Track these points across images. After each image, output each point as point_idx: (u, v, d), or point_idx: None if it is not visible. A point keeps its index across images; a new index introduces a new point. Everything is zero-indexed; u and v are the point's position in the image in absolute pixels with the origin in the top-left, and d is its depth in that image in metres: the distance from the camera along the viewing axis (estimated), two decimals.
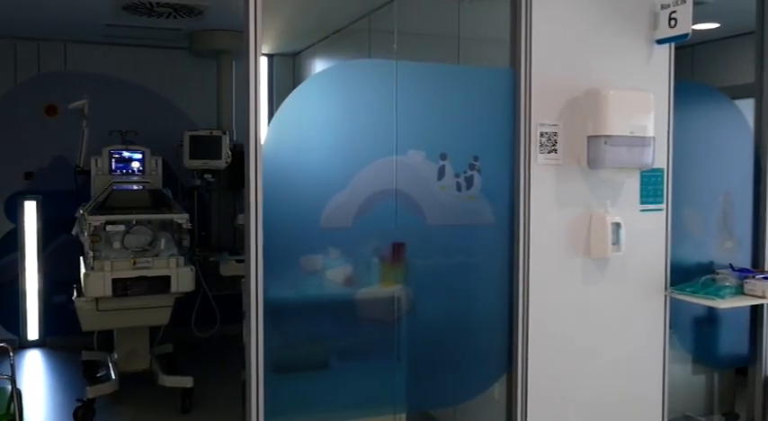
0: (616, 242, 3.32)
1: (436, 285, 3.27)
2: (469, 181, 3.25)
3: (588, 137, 3.28)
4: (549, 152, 3.28)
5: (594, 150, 3.26)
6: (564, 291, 3.34)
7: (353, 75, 3.21)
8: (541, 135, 3.26)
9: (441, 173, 3.21)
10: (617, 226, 3.31)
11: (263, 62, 6.49)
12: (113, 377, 4.79)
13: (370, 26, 5.00)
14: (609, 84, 3.32)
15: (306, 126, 3.04)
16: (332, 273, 3.11)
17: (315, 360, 3.19)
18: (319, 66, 6.29)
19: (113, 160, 5.32)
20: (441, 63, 3.57)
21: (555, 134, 3.29)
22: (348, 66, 3.52)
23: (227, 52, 6.03)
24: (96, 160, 5.30)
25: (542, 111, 3.27)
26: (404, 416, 3.32)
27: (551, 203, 3.31)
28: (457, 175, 3.23)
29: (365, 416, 3.26)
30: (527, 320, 3.27)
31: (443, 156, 3.21)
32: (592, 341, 3.40)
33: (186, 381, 4.71)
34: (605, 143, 3.23)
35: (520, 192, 3.27)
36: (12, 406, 3.42)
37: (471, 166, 3.25)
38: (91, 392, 4.52)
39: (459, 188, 3.24)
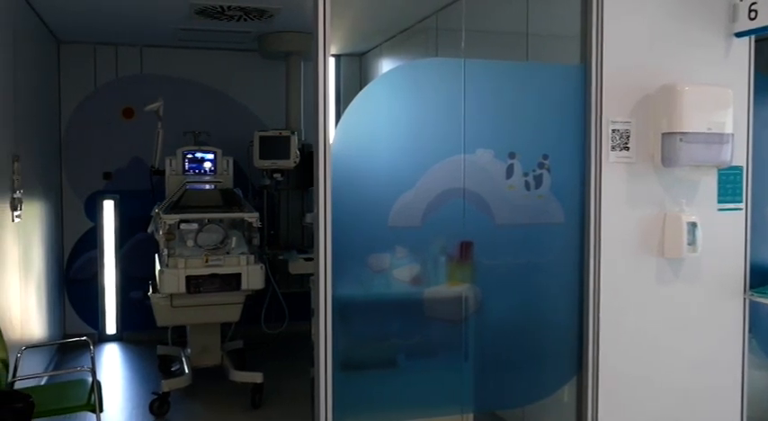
0: (692, 242, 3.22)
1: (504, 285, 3.24)
2: (538, 179, 3.21)
3: (663, 134, 3.19)
4: (621, 150, 3.21)
5: (669, 148, 3.17)
6: (636, 291, 3.26)
7: (421, 74, 3.21)
8: (613, 132, 3.19)
9: (509, 171, 3.18)
10: (693, 225, 3.21)
11: (331, 63, 6.56)
12: (187, 371, 4.92)
13: (437, 25, 4.99)
14: (685, 79, 3.23)
15: (374, 126, 3.06)
16: (399, 272, 3.12)
17: (382, 358, 3.21)
18: (386, 65, 6.31)
19: (186, 160, 5.46)
20: (509, 60, 3.54)
21: (627, 131, 3.21)
22: (415, 65, 3.53)
23: (296, 53, 6.11)
24: (170, 161, 5.45)
25: (614, 108, 3.20)
26: (471, 416, 3.31)
27: (623, 202, 3.23)
28: (526, 174, 3.20)
29: (432, 416, 3.26)
30: (598, 321, 3.21)
31: (512, 155, 3.17)
32: (666, 344, 3.31)
33: (256, 377, 4.80)
34: (681, 140, 3.14)
35: (591, 191, 3.20)
36: (92, 397, 3.56)
37: (540, 165, 3.21)
38: (166, 386, 4.66)
39: (527, 187, 3.20)
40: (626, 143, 3.21)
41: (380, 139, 3.07)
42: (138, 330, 6.38)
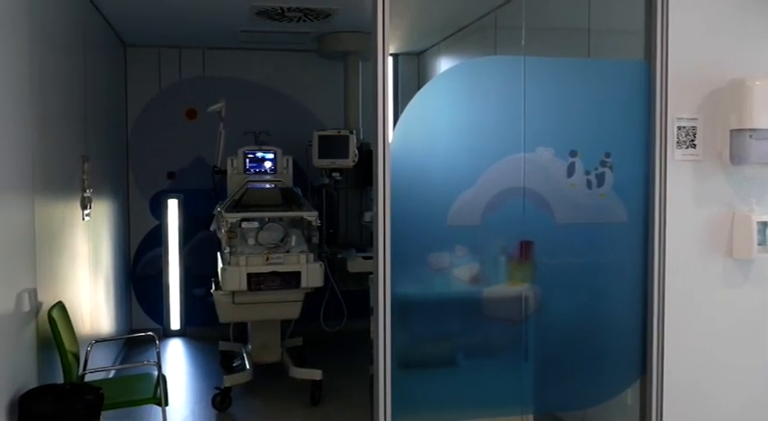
0: (762, 242, 3.12)
1: (565, 285, 3.20)
2: (601, 178, 3.16)
3: (731, 130, 3.09)
4: (687, 147, 3.13)
5: (738, 145, 3.07)
6: (703, 293, 3.17)
7: (480, 72, 3.19)
8: (679, 129, 3.11)
9: (570, 170, 3.13)
10: (764, 225, 3.11)
11: (389, 62, 6.57)
12: (248, 367, 5.01)
13: (495, 22, 4.95)
14: (754, 73, 3.12)
15: (432, 124, 3.06)
16: (458, 271, 3.11)
17: (441, 357, 3.21)
18: (444, 64, 6.29)
19: (247, 160, 5.55)
20: (570, 57, 3.48)
21: (694, 128, 3.13)
22: (474, 63, 3.51)
23: (354, 53, 6.15)
24: (232, 160, 5.55)
25: (680, 105, 3.12)
26: (531, 417, 3.27)
27: (689, 201, 3.15)
28: (587, 172, 3.15)
29: (491, 416, 3.24)
30: (662, 323, 3.13)
31: (573, 153, 3.13)
32: (734, 347, 3.21)
33: (315, 374, 4.85)
34: (751, 137, 3.04)
35: (655, 190, 3.13)
36: (158, 390, 3.66)
37: (603, 163, 3.15)
38: (228, 381, 4.75)
39: (589, 185, 3.15)
40: (692, 140, 3.13)
41: (439, 138, 3.07)
42: (201, 326, 6.52)
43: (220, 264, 4.86)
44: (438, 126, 3.07)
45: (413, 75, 6.94)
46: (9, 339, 2.92)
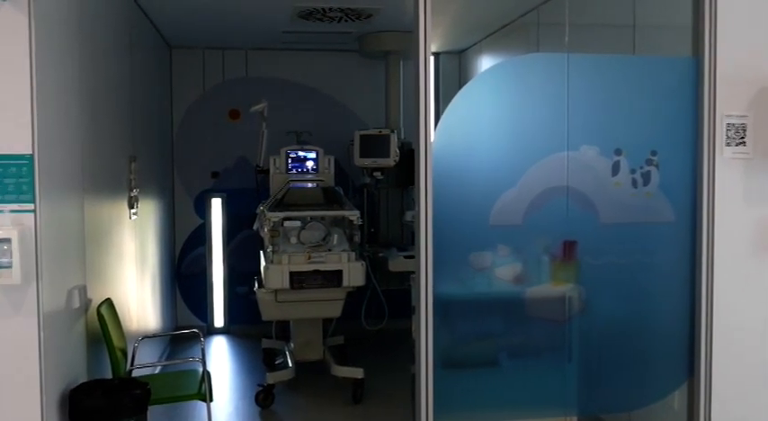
0: None
1: (610, 285, 3.15)
2: (646, 177, 3.10)
3: None
4: (736, 145, 3.05)
5: None
6: (753, 295, 3.10)
7: (522, 70, 3.17)
8: (728, 127, 3.04)
9: (615, 168, 3.09)
10: None
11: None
12: (290, 365, 5.06)
13: (538, 19, 4.90)
14: None
15: (474, 123, 3.05)
16: (501, 271, 3.09)
17: (483, 357, 3.19)
18: (485, 62, 6.25)
19: (290, 159, 5.60)
20: (615, 54, 3.43)
21: (743, 126, 3.05)
22: (517, 61, 3.49)
23: (395, 53, 6.16)
24: (274, 160, 5.61)
25: (729, 102, 3.04)
26: (575, 419, 3.23)
27: (739, 200, 3.08)
28: (633, 171, 3.10)
29: (534, 417, 3.22)
30: (711, 325, 3.07)
31: (618, 152, 3.08)
32: None
33: (357, 372, 4.87)
34: None
35: (703, 189, 3.07)
36: (203, 386, 3.72)
37: (648, 162, 3.10)
38: (271, 378, 4.80)
39: (635, 184, 3.10)
40: (742, 138, 3.05)
41: (481, 137, 3.06)
42: (244, 324, 6.60)
43: (263, 263, 4.92)
44: (480, 125, 3.06)
45: (454, 73, 6.91)
46: (61, 334, 3.00)
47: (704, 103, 3.05)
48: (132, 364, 3.75)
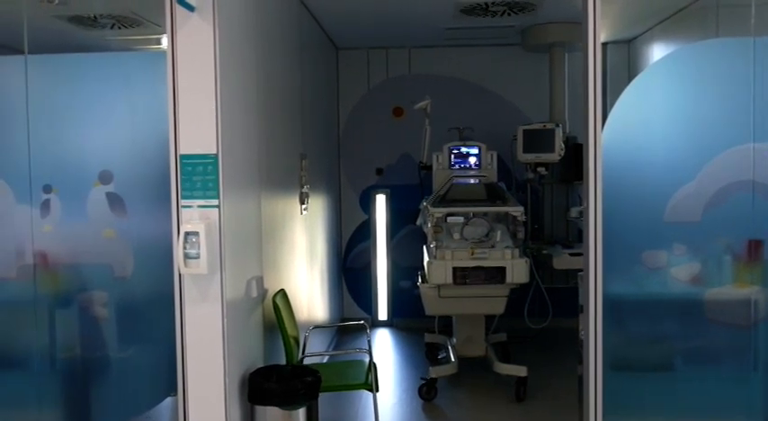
0: None
1: None
2: None
3: None
4: None
5: None
6: None
7: (701, 58, 2.99)
8: None
9: None
10: None
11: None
12: (453, 360, 5.08)
13: (717, 2, 4.57)
14: None
15: (648, 115, 2.91)
16: (677, 271, 2.93)
17: (656, 361, 3.04)
18: (657, 51, 5.91)
19: (452, 155, 5.63)
20: None
21: None
22: (694, 48, 3.27)
23: (560, 45, 5.98)
24: (437, 156, 5.66)
25: None
26: None
27: None
28: None
29: None
30: None
31: None
32: None
33: (520, 370, 4.81)
34: None
35: None
36: (369, 376, 3.83)
37: None
38: (434, 372, 4.86)
39: None
40: None
41: (655, 130, 2.91)
42: (407, 317, 6.73)
43: (426, 258, 4.98)
44: (654, 117, 2.91)
45: (622, 63, 6.60)
46: (241, 321, 3.22)
47: None
48: (304, 353, 3.94)
